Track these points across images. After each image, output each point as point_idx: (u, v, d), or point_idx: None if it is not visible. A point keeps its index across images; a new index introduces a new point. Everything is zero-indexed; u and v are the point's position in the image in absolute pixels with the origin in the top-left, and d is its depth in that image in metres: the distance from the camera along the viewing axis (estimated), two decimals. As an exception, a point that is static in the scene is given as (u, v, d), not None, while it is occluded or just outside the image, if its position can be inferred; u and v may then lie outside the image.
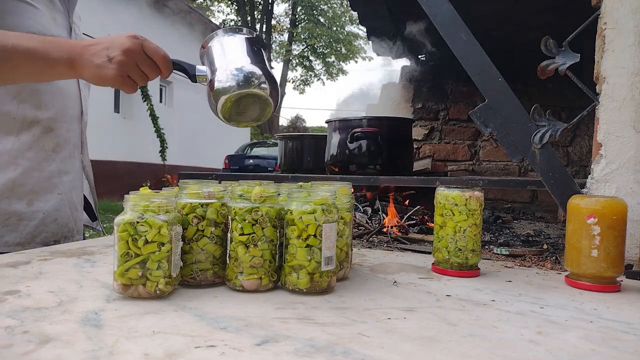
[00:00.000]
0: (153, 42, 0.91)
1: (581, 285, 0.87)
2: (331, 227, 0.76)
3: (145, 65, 0.89)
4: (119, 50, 0.86)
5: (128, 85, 0.90)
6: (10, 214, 1.07)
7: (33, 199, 1.10)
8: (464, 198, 0.94)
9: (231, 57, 0.93)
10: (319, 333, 0.59)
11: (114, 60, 0.86)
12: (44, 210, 1.12)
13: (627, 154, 1.02)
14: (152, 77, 0.91)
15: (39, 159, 1.11)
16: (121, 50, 0.87)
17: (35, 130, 1.10)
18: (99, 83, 0.90)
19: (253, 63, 0.92)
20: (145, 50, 0.89)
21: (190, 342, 0.54)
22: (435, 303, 0.75)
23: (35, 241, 1.11)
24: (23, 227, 1.09)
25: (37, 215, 1.11)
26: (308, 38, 25.13)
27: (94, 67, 0.87)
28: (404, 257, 1.14)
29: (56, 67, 0.89)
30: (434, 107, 3.00)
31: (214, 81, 0.91)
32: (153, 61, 0.90)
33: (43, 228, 1.12)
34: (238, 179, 1.05)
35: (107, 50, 0.87)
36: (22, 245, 1.08)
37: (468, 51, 1.10)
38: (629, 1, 1.02)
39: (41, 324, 0.59)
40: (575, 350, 0.57)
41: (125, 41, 0.88)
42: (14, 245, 1.07)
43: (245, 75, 0.89)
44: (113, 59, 0.86)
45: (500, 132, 1.09)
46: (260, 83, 0.90)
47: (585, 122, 2.66)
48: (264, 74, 0.91)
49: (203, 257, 0.78)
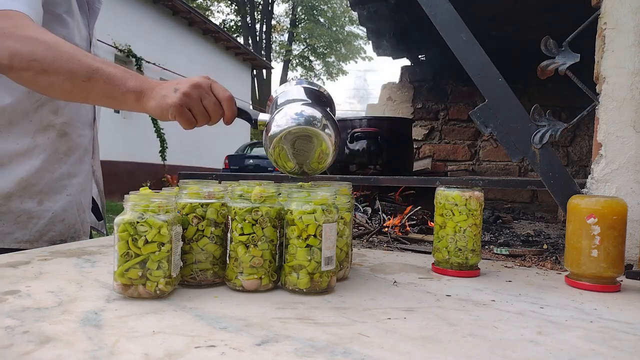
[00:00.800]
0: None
1: (581, 285, 0.87)
2: (331, 227, 0.76)
3: (209, 102, 0.89)
4: (187, 84, 0.88)
5: (186, 119, 0.89)
6: (21, 211, 1.11)
7: (43, 199, 1.13)
8: (464, 198, 0.94)
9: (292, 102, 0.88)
10: (319, 333, 0.59)
11: (179, 91, 0.88)
12: (52, 210, 1.15)
13: (627, 154, 1.02)
14: (214, 116, 0.91)
15: (51, 161, 1.15)
16: (189, 84, 0.88)
17: (50, 133, 1.14)
18: (160, 114, 0.90)
19: (312, 107, 0.86)
20: (212, 89, 0.90)
21: (190, 342, 0.54)
22: (435, 303, 0.75)
23: (42, 239, 1.14)
24: (32, 225, 1.13)
25: (46, 214, 1.14)
26: (308, 38, 25.14)
27: (159, 97, 0.89)
28: (404, 257, 1.14)
29: (127, 95, 0.91)
30: (434, 107, 3.00)
31: (271, 124, 0.86)
32: (218, 101, 0.90)
33: (51, 227, 1.15)
34: (238, 179, 1.05)
35: (177, 84, 0.89)
36: (31, 243, 1.12)
37: (468, 51, 1.10)
38: (629, 1, 1.02)
39: (41, 324, 0.59)
40: (575, 350, 0.57)
41: (195, 78, 0.90)
42: (23, 242, 1.11)
43: (304, 117, 0.84)
44: (179, 89, 0.88)
45: (500, 132, 1.09)
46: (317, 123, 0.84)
47: (585, 122, 2.66)
48: (324, 116, 0.85)
49: (203, 257, 0.78)
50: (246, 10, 23.31)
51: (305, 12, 25.01)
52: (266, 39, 24.16)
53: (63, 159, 1.17)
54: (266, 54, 23.48)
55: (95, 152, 1.29)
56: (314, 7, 24.76)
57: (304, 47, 25.98)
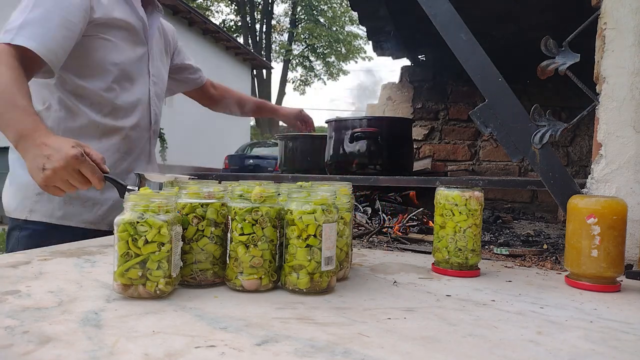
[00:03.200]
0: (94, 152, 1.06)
1: (581, 285, 0.87)
2: (331, 227, 0.76)
3: (75, 181, 1.01)
4: (53, 164, 0.99)
5: (53, 192, 1.04)
6: (88, 198, 1.32)
7: (105, 189, 1.20)
8: (464, 198, 0.94)
9: None
10: (319, 333, 0.59)
11: (44, 173, 1.00)
12: (113, 199, 1.35)
13: (627, 154, 1.02)
14: (82, 188, 1.04)
15: (115, 159, 1.35)
16: (54, 167, 0.99)
17: (114, 137, 1.35)
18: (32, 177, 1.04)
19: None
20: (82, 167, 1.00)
21: (190, 342, 0.54)
22: (435, 303, 0.75)
23: (104, 222, 1.35)
24: (97, 209, 1.34)
25: (107, 202, 1.35)
26: (308, 38, 25.13)
27: (29, 164, 1.03)
28: (404, 257, 1.14)
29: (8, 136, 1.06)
30: (434, 107, 3.00)
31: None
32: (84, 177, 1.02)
33: (111, 212, 1.35)
34: (238, 179, 1.05)
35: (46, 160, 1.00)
36: (95, 224, 1.34)
37: (468, 51, 1.10)
38: (629, 1, 1.02)
39: (41, 324, 0.59)
40: (575, 350, 0.57)
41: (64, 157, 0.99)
42: (88, 222, 1.33)
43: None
44: (45, 170, 1.00)
45: (500, 132, 1.09)
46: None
47: (585, 122, 2.66)
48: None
49: (203, 257, 0.78)
50: (246, 10, 23.31)
51: (305, 12, 25.01)
52: (266, 39, 24.15)
53: (124, 157, 1.38)
54: (266, 54, 23.49)
55: (152, 152, 1.51)
56: (314, 7, 24.75)
57: (304, 47, 25.96)
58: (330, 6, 24.92)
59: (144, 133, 1.45)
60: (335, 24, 25.05)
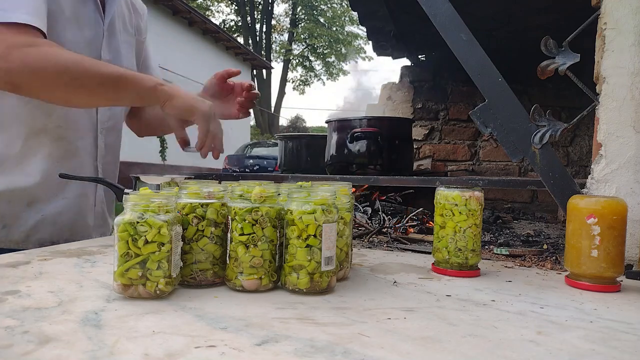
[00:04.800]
0: None
1: (581, 285, 0.87)
2: (331, 227, 0.76)
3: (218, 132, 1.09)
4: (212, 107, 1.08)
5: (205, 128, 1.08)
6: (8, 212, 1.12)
7: (33, 201, 1.13)
8: (464, 198, 0.94)
9: None
10: (319, 333, 0.59)
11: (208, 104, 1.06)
12: (42, 213, 1.15)
13: (627, 154, 1.02)
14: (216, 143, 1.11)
15: (45, 166, 1.14)
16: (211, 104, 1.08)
17: (43, 138, 1.13)
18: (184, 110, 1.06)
19: None
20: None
21: (190, 342, 0.54)
22: (435, 303, 0.75)
23: (29, 240, 1.14)
24: (18, 226, 1.13)
25: (34, 216, 1.15)
26: (308, 38, 25.13)
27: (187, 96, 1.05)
28: (404, 257, 1.14)
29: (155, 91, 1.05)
30: (434, 107, 3.00)
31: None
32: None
33: (40, 228, 1.16)
34: (238, 179, 1.05)
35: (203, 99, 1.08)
36: (17, 243, 1.13)
37: (468, 51, 1.10)
38: (629, 1, 1.02)
39: (41, 324, 0.59)
40: (575, 350, 0.57)
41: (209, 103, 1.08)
42: (8, 242, 1.13)
43: None
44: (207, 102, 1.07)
45: (500, 132, 1.09)
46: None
47: (585, 122, 2.66)
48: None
49: (203, 257, 0.78)
50: (246, 10, 23.31)
51: (305, 12, 25.01)
52: (266, 39, 24.16)
53: (60, 162, 1.15)
54: (266, 54, 23.49)
55: (99, 155, 1.26)
56: (314, 7, 24.76)
57: (304, 47, 25.97)
58: (330, 6, 24.92)
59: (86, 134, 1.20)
60: (335, 24, 25.06)
